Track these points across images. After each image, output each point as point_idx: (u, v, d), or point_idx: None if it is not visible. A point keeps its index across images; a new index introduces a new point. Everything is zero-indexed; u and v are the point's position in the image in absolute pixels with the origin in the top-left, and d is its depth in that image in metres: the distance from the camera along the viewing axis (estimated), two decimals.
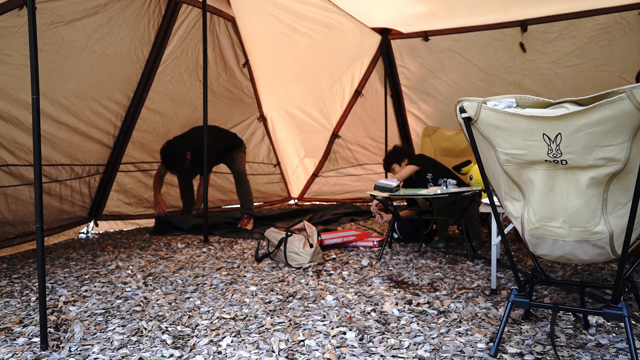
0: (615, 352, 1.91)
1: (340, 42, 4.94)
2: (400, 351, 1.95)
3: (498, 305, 2.46)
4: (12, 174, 3.51)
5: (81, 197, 4.20)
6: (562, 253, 1.77)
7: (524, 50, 4.54)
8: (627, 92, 1.45)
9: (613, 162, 1.56)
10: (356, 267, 3.25)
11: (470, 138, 1.81)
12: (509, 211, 1.88)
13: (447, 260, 3.40)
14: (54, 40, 3.37)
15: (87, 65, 3.70)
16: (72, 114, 3.80)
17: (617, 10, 4.10)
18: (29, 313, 2.43)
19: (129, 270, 3.24)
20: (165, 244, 4.08)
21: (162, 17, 4.03)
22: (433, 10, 4.44)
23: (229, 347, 2.01)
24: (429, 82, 5.17)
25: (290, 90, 5.40)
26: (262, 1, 4.41)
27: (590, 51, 4.33)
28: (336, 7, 4.43)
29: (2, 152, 3.40)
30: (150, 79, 4.25)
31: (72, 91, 3.71)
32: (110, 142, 4.27)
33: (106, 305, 2.55)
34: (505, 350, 1.95)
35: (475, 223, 3.77)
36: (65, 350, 2.00)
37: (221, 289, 2.81)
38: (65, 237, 4.27)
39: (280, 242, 3.38)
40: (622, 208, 1.64)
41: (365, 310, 2.41)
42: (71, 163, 3.99)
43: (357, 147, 5.88)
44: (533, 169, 1.71)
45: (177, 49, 4.29)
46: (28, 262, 3.45)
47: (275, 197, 6.11)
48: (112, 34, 3.71)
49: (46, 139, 3.68)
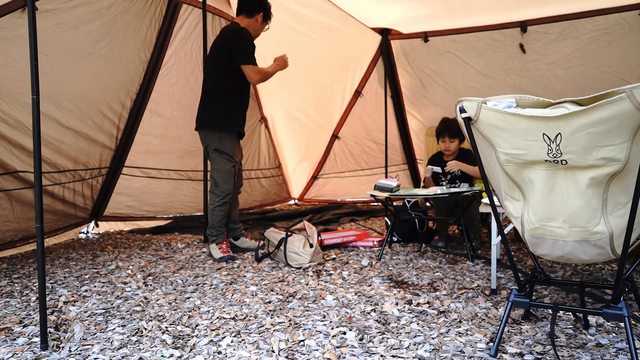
0: (615, 352, 1.91)
1: (340, 43, 4.94)
2: (400, 351, 1.95)
3: (498, 305, 2.46)
4: (18, 178, 3.50)
5: (83, 199, 4.20)
6: (562, 253, 1.77)
7: (524, 51, 4.54)
8: (627, 92, 1.45)
9: (613, 162, 1.57)
10: (356, 267, 3.25)
11: (470, 138, 1.82)
12: (509, 211, 1.88)
13: (447, 260, 3.40)
14: (61, 45, 3.37)
15: (93, 69, 3.70)
16: (78, 119, 3.79)
17: (618, 11, 4.10)
18: (29, 313, 2.43)
19: (129, 270, 3.24)
20: (165, 244, 4.08)
21: (163, 18, 4.03)
22: (433, 11, 4.44)
23: (229, 347, 2.01)
24: (428, 83, 5.17)
25: (290, 91, 5.40)
26: None
27: (591, 52, 4.33)
28: (336, 8, 4.43)
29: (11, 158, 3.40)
30: (153, 80, 4.24)
31: (78, 95, 3.71)
32: (113, 145, 4.27)
33: (106, 305, 2.55)
34: (505, 350, 1.95)
35: (475, 223, 3.77)
36: (65, 350, 2.00)
37: (221, 289, 2.81)
38: (65, 237, 4.26)
39: (280, 242, 3.38)
40: (622, 208, 1.64)
41: (365, 310, 2.41)
42: (75, 168, 3.98)
43: (357, 147, 5.88)
44: (533, 169, 1.71)
45: (179, 50, 4.29)
46: (28, 262, 3.45)
47: (275, 198, 6.11)
48: (117, 36, 3.71)
49: (53, 144, 3.67)
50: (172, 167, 4.74)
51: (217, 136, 3.48)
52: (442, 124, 3.97)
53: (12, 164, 3.40)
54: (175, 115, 4.55)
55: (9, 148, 3.35)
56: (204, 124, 3.55)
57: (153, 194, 4.71)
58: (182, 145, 4.65)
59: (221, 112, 3.49)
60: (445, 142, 3.90)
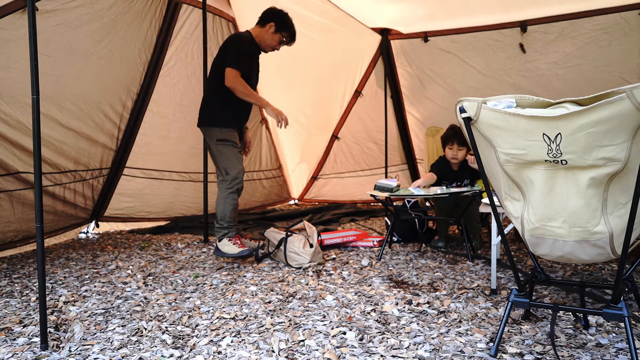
0: (615, 352, 1.91)
1: (340, 43, 4.94)
2: (400, 351, 1.95)
3: (498, 305, 2.46)
4: (19, 179, 3.50)
5: (83, 200, 4.20)
6: (562, 253, 1.77)
7: (524, 51, 4.55)
8: (627, 92, 1.45)
9: (613, 162, 1.57)
10: (356, 267, 3.25)
11: (470, 138, 1.82)
12: (509, 211, 1.88)
13: (447, 260, 3.40)
14: (62, 46, 3.37)
15: (94, 70, 3.70)
16: (79, 119, 3.79)
17: (617, 11, 4.10)
18: (29, 313, 2.43)
19: (129, 270, 3.24)
20: (165, 244, 4.08)
21: (163, 18, 4.03)
22: (433, 11, 4.44)
23: (229, 347, 2.01)
24: (428, 83, 5.17)
25: (290, 91, 5.39)
26: (262, 1, 4.40)
27: (590, 52, 4.33)
28: (336, 8, 4.43)
29: (12, 159, 3.40)
30: (153, 81, 4.24)
31: (79, 96, 3.71)
32: (114, 145, 4.27)
33: (106, 305, 2.55)
34: (505, 350, 1.95)
35: (475, 223, 3.77)
36: (65, 350, 2.00)
37: (221, 289, 2.81)
38: (65, 237, 4.27)
39: (280, 242, 3.38)
40: (622, 208, 1.64)
41: (365, 310, 2.41)
42: (76, 169, 3.98)
43: (357, 147, 5.88)
44: (533, 169, 1.71)
45: (179, 50, 4.29)
46: (28, 262, 3.45)
47: (276, 198, 6.11)
48: (117, 37, 3.71)
49: (54, 145, 3.67)
50: (174, 168, 4.74)
51: (217, 130, 3.45)
52: (450, 130, 3.85)
53: (14, 164, 3.41)
54: (177, 117, 4.55)
55: (10, 149, 3.35)
56: (201, 121, 3.54)
57: (154, 195, 4.71)
58: (184, 147, 4.65)
59: (212, 107, 3.48)
60: (453, 149, 3.79)
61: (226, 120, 3.47)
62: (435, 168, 3.93)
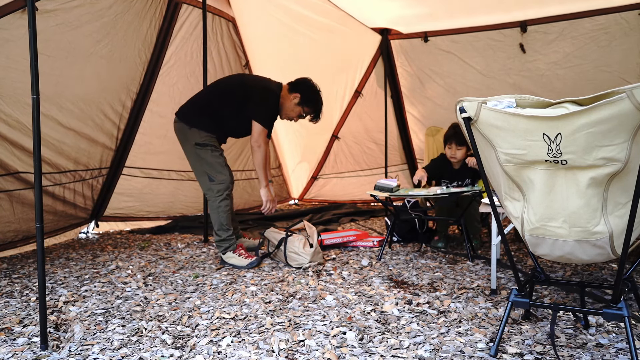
0: (615, 352, 1.92)
1: (340, 42, 4.94)
2: (400, 351, 1.95)
3: (498, 305, 2.46)
4: (19, 179, 3.50)
5: (83, 200, 4.20)
6: (562, 253, 1.77)
7: (524, 51, 4.55)
8: (627, 92, 1.45)
9: (613, 162, 1.57)
10: (356, 267, 3.25)
11: (470, 138, 1.82)
12: (509, 211, 1.88)
13: (447, 260, 3.40)
14: (62, 46, 3.37)
15: (94, 70, 3.70)
16: (79, 119, 3.79)
17: (617, 11, 4.10)
18: (29, 313, 2.43)
19: (129, 270, 3.24)
20: (165, 244, 4.08)
21: (163, 18, 4.03)
22: (433, 10, 4.44)
23: (229, 347, 2.01)
24: (428, 83, 5.17)
25: None
26: (262, 2, 4.41)
27: (590, 52, 4.33)
28: (336, 8, 4.43)
29: (12, 159, 3.40)
30: (153, 80, 4.24)
31: (79, 96, 3.71)
32: (113, 145, 4.27)
33: (106, 305, 2.55)
34: (505, 350, 1.95)
35: (475, 223, 3.77)
36: (65, 350, 2.00)
37: (221, 289, 2.81)
38: (65, 237, 4.26)
39: (280, 242, 3.38)
40: (622, 208, 1.64)
41: (365, 310, 2.41)
42: (76, 169, 3.98)
43: (357, 147, 5.87)
44: (533, 169, 1.71)
45: (179, 50, 4.28)
46: (28, 262, 3.45)
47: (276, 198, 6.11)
48: (117, 36, 3.71)
49: (54, 145, 3.67)
50: (173, 167, 4.73)
51: (196, 131, 3.29)
52: (451, 130, 3.84)
53: (14, 164, 3.41)
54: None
55: (10, 149, 3.35)
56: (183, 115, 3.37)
57: (154, 194, 4.71)
58: None
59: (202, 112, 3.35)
60: (452, 149, 3.78)
61: (209, 126, 3.33)
62: (431, 166, 3.94)
